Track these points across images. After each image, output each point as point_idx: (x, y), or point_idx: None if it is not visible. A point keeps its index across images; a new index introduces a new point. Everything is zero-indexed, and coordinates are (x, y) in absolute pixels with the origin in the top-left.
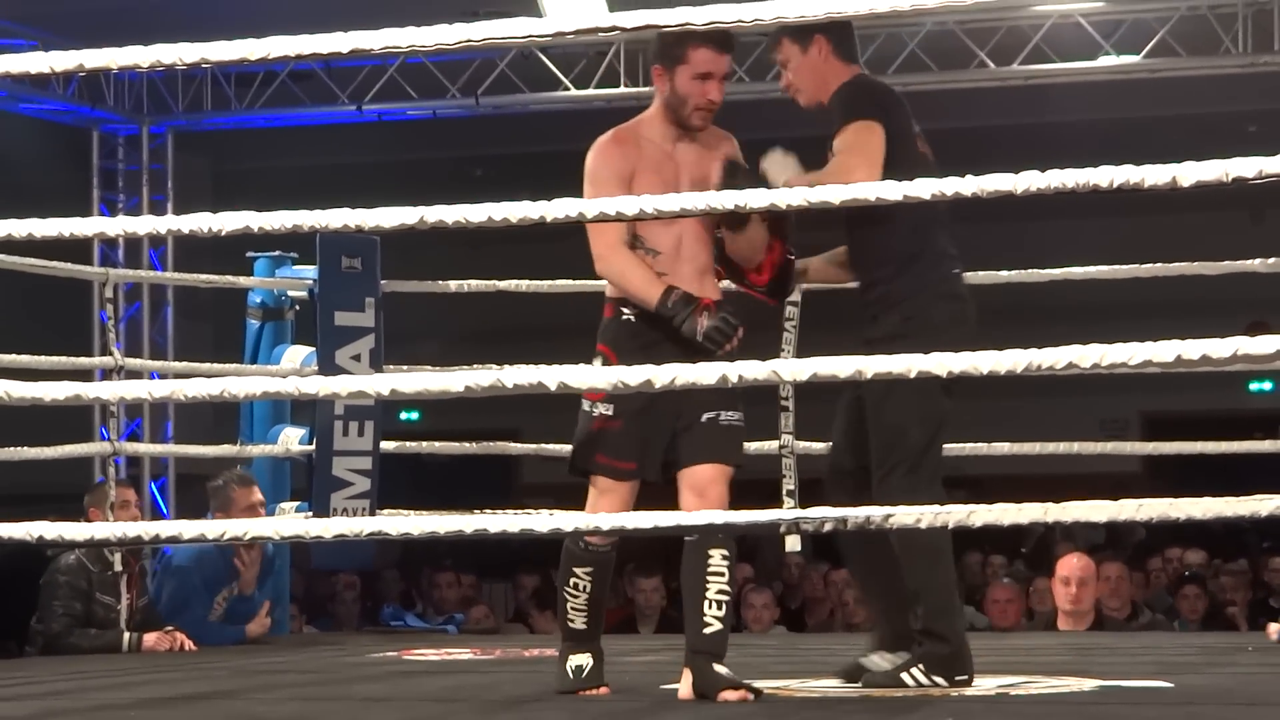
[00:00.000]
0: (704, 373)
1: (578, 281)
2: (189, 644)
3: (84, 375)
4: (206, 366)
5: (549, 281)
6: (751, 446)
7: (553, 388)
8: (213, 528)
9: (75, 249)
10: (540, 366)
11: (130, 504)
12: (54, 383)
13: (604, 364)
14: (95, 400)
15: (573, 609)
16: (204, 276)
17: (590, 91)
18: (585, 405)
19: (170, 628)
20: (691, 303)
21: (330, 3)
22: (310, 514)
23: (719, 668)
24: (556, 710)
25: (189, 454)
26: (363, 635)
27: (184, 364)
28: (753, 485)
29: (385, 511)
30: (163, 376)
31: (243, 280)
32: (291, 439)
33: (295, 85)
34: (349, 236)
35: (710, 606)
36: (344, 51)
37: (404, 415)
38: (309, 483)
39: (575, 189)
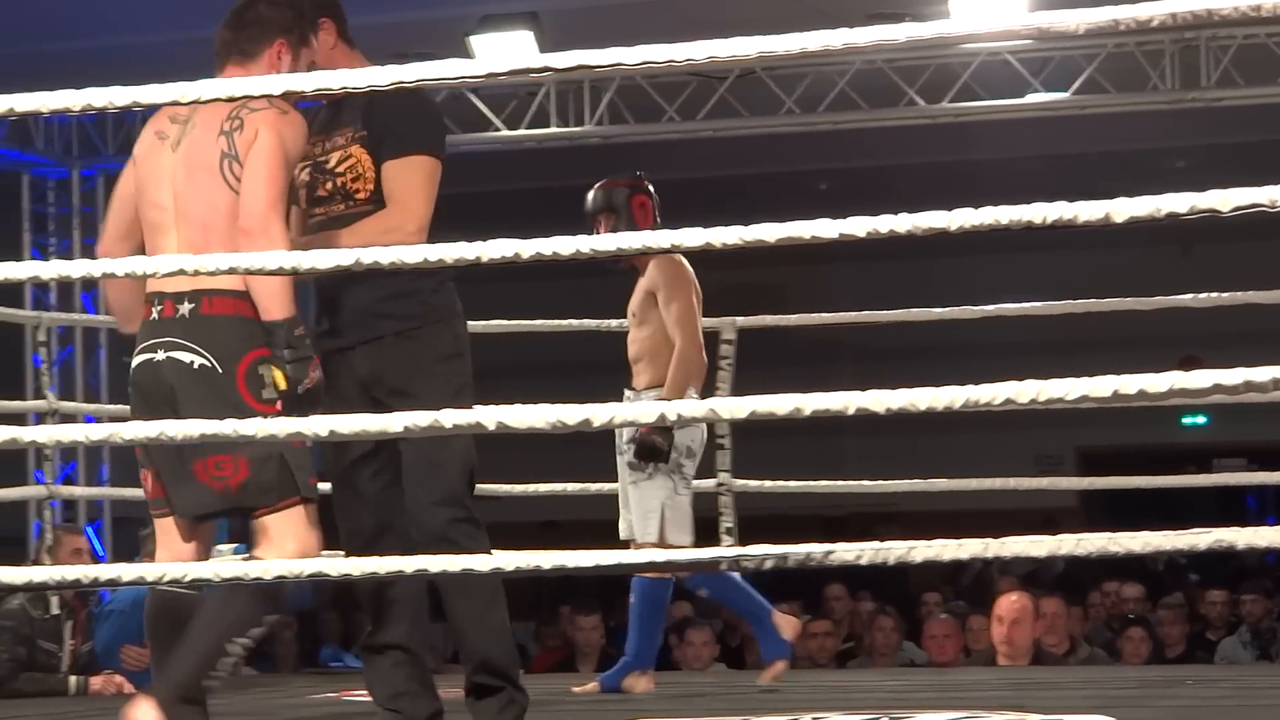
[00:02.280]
0: (643, 411)
1: (512, 322)
2: (125, 685)
3: (17, 419)
4: (106, 407)
5: (485, 322)
6: None
7: (491, 428)
8: (152, 571)
9: (6, 293)
10: (480, 407)
11: (83, 553)
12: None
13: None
14: (31, 444)
15: (226, 664)
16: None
17: (521, 132)
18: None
19: (109, 670)
20: (308, 350)
21: None
22: (246, 556)
23: None
24: None
25: (125, 497)
26: (301, 676)
27: (119, 407)
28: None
29: (323, 553)
30: (98, 419)
31: None
32: None
33: None
34: None
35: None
36: (277, 94)
37: None
38: (244, 525)
39: (510, 229)
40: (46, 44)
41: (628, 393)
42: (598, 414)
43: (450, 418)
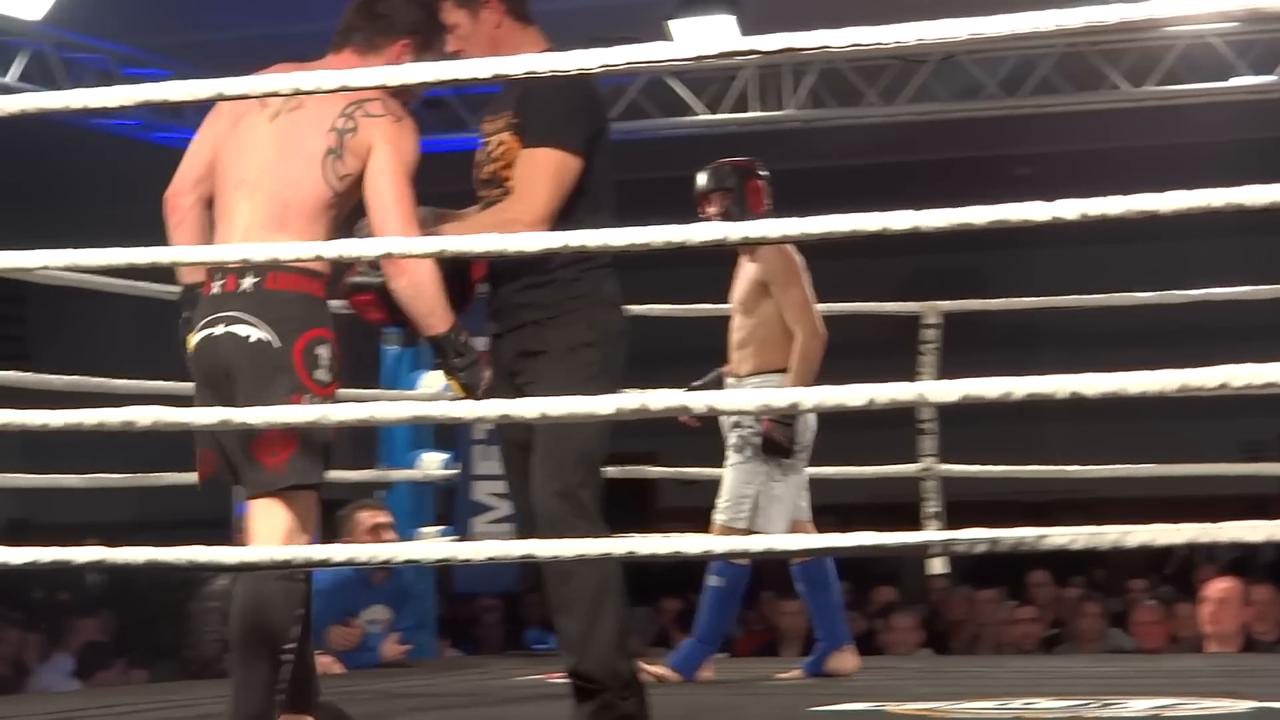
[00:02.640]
0: (849, 395)
1: (716, 305)
2: (334, 667)
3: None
4: (343, 391)
5: (687, 306)
6: (889, 469)
7: (697, 410)
8: (362, 552)
9: None
10: (681, 392)
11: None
12: (204, 408)
13: (330, 351)
14: (243, 425)
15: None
16: (332, 303)
17: (722, 116)
18: (315, 402)
19: (317, 650)
20: (475, 352)
21: None
22: (454, 538)
23: None
24: None
25: (330, 479)
26: (506, 658)
27: (345, 390)
28: (890, 508)
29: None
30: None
31: None
32: (432, 463)
33: (426, 112)
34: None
35: None
36: (483, 76)
37: None
38: (449, 507)
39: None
40: (268, 28)
41: (729, 380)
42: (806, 398)
43: (658, 401)
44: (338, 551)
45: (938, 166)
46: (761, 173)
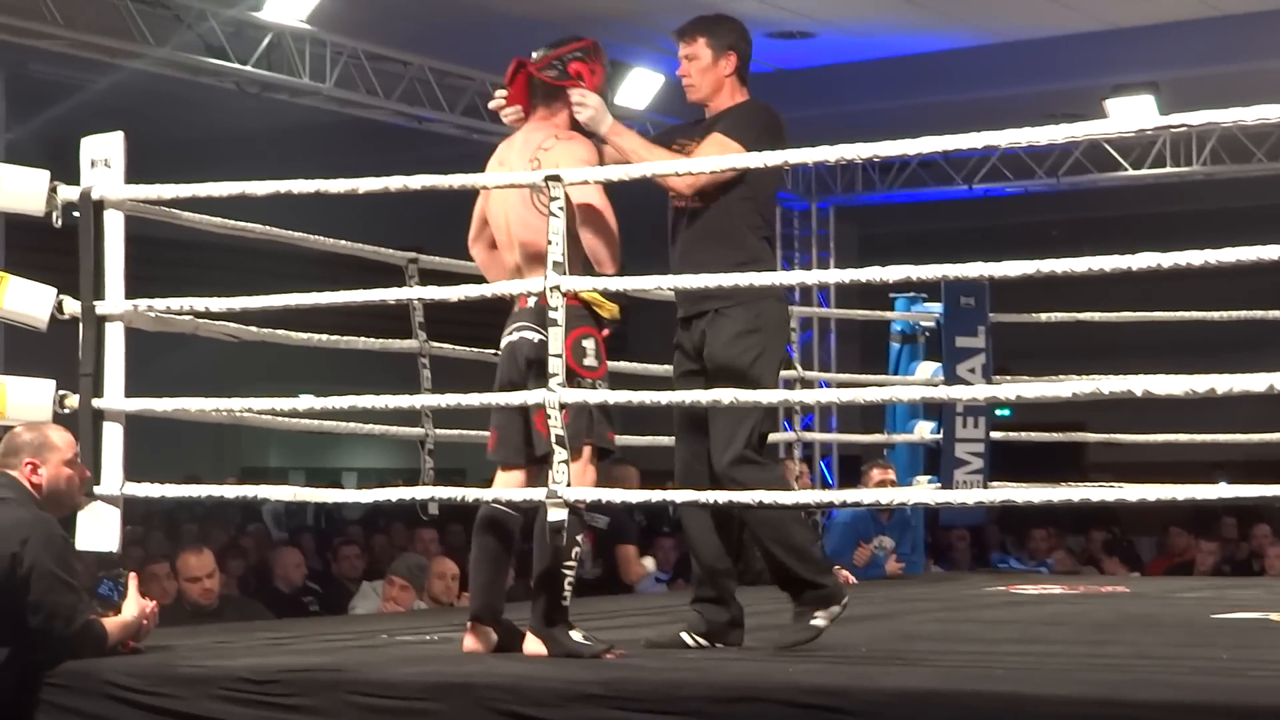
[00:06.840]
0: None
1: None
2: (850, 578)
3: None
4: (859, 377)
5: (1121, 314)
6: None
7: (1138, 394)
8: (868, 495)
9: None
10: (1127, 377)
11: (804, 476)
12: (765, 391)
13: (594, 343)
14: (784, 402)
15: (569, 584)
16: (858, 312)
17: (1144, 171)
18: (586, 383)
19: (838, 565)
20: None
21: (939, 111)
22: (939, 485)
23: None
24: (1131, 631)
25: (848, 440)
26: (976, 574)
27: (843, 375)
28: (1261, 465)
29: (993, 484)
30: (829, 385)
31: (887, 314)
32: (924, 429)
33: (923, 171)
34: (966, 282)
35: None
36: (972, 147)
37: (998, 412)
38: (935, 462)
39: (1134, 247)
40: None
41: None
42: (1232, 385)
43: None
44: (861, 495)
45: None
46: None
